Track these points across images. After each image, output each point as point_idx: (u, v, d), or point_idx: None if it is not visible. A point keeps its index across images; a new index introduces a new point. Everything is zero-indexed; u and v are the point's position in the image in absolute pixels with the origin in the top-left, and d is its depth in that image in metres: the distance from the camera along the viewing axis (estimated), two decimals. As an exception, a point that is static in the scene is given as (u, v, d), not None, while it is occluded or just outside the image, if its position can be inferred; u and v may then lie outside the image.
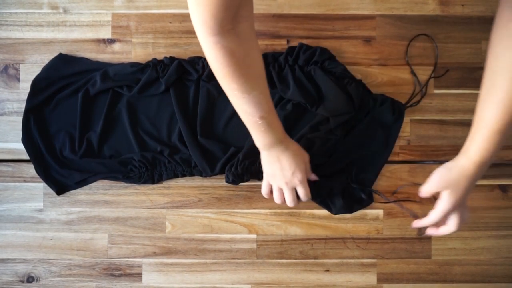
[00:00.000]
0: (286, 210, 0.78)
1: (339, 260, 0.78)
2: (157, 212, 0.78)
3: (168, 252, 0.78)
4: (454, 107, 0.78)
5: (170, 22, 0.79)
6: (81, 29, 0.79)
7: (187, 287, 0.78)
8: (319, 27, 0.79)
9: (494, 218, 0.78)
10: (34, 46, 0.79)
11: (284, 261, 0.78)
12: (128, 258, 0.78)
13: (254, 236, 0.78)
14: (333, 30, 0.79)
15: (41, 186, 0.77)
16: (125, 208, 0.78)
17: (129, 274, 0.78)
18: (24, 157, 0.77)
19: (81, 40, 0.79)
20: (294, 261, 0.78)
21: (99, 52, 0.79)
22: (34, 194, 0.78)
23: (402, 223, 0.78)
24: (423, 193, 0.62)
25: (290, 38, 0.78)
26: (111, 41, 0.79)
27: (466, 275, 0.78)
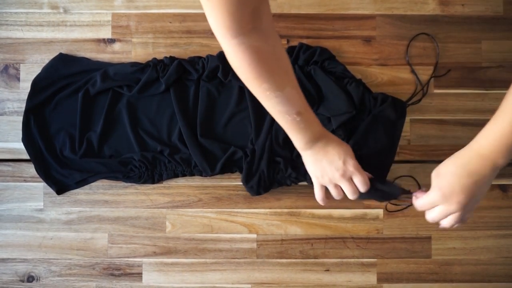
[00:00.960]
0: (286, 209, 0.78)
1: (339, 259, 0.78)
2: (157, 211, 0.78)
3: (168, 251, 0.78)
4: (454, 107, 0.78)
5: (170, 22, 0.79)
6: (81, 29, 0.79)
7: (187, 287, 0.78)
8: (319, 27, 0.79)
9: (494, 217, 0.78)
10: (34, 46, 0.79)
11: (284, 260, 0.78)
12: (128, 257, 0.78)
13: (254, 235, 0.78)
14: (333, 30, 0.79)
15: (41, 185, 0.77)
16: (125, 207, 0.78)
17: (129, 273, 0.78)
18: (24, 156, 0.77)
19: (81, 40, 0.79)
20: (294, 260, 0.78)
21: (99, 52, 0.79)
22: (34, 194, 0.78)
23: (402, 223, 0.78)
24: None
25: (290, 38, 0.78)
26: (111, 41, 0.79)
27: (466, 275, 0.78)
